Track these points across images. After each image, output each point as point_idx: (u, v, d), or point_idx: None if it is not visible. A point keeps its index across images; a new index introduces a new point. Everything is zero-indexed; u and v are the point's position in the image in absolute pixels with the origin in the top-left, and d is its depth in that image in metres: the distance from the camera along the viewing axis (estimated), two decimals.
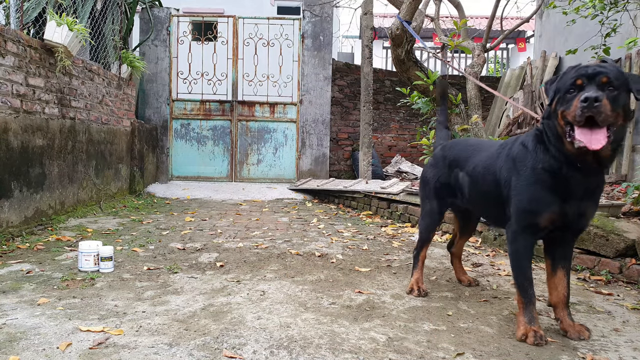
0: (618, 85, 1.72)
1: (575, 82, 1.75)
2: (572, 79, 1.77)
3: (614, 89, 1.71)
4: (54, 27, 4.12)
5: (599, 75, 1.72)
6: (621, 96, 1.73)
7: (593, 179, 1.84)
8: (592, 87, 1.71)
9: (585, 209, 1.89)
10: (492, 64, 14.05)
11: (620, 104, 1.72)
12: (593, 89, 1.70)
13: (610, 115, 1.69)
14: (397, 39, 4.80)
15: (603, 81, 1.71)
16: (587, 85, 1.73)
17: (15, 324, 2.02)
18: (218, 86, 7.45)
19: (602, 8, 4.02)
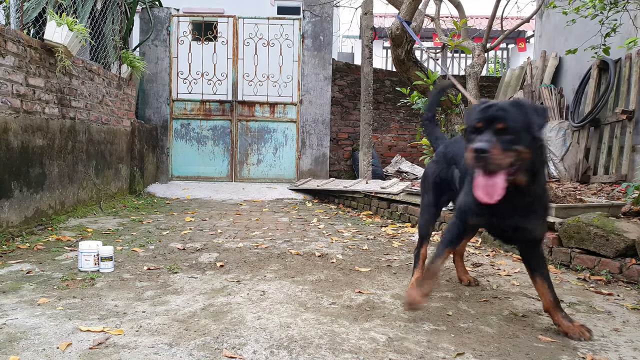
0: (517, 128, 1.75)
1: (476, 125, 1.80)
2: (474, 121, 1.82)
3: (511, 133, 1.75)
4: (54, 27, 4.12)
5: (495, 122, 1.76)
6: (522, 136, 1.76)
7: (519, 200, 1.89)
8: (487, 133, 1.75)
9: (518, 224, 1.95)
10: (492, 64, 14.05)
11: (522, 144, 1.76)
12: (486, 136, 1.75)
13: (504, 160, 1.73)
14: (397, 39, 4.80)
15: (498, 127, 1.75)
16: (484, 129, 1.77)
17: (15, 324, 2.02)
18: (218, 86, 7.45)
19: (602, 8, 4.02)
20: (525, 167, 1.80)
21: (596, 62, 5.85)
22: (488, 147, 1.71)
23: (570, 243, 3.06)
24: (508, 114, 1.76)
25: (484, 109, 1.81)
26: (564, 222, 3.14)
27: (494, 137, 1.74)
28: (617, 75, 5.71)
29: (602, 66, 5.98)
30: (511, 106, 1.80)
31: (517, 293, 2.60)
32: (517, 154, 1.75)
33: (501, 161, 1.73)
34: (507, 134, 1.75)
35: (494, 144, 1.72)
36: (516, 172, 1.79)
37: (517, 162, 1.77)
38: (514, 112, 1.77)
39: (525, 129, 1.77)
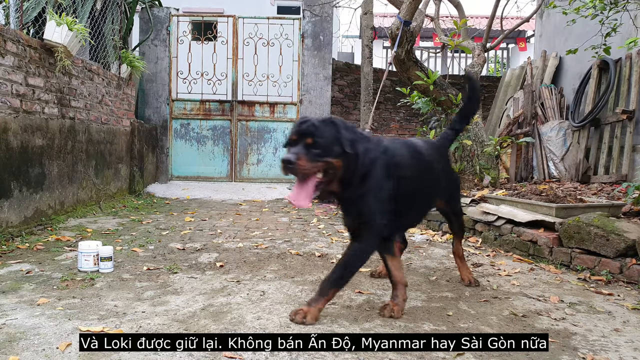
0: (324, 143, 1.99)
1: (291, 137, 2.04)
2: (291, 134, 2.05)
3: (319, 147, 1.98)
4: (53, 27, 4.11)
5: (306, 136, 1.99)
6: (331, 150, 2.00)
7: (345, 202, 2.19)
8: (299, 146, 1.99)
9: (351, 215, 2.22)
10: (492, 63, 14.05)
11: (330, 156, 1.99)
12: (297, 148, 1.99)
13: (311, 169, 1.97)
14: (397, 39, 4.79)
15: (308, 142, 1.98)
16: (297, 142, 2.01)
17: (15, 324, 2.02)
18: (218, 86, 7.44)
19: (602, 8, 4.02)
20: (338, 177, 2.05)
21: (596, 62, 5.84)
22: (294, 159, 1.94)
23: (570, 243, 3.06)
24: (317, 130, 1.99)
25: (299, 124, 2.05)
26: (564, 222, 3.14)
27: (303, 150, 1.97)
28: (618, 75, 5.71)
29: (603, 66, 5.98)
30: (322, 123, 2.03)
31: (517, 293, 2.60)
32: (325, 165, 1.99)
33: (307, 171, 1.97)
34: (315, 147, 1.98)
35: (301, 155, 1.96)
36: (329, 182, 2.05)
37: (329, 172, 2.02)
38: (323, 128, 2.01)
39: (334, 143, 2.01)
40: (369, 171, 2.10)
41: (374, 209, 2.15)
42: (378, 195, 2.14)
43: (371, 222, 2.16)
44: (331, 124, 2.04)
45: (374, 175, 2.12)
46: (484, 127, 5.87)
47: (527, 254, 3.36)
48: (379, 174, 2.13)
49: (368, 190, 2.12)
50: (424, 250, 3.63)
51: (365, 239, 2.17)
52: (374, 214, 2.15)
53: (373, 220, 2.16)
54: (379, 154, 2.15)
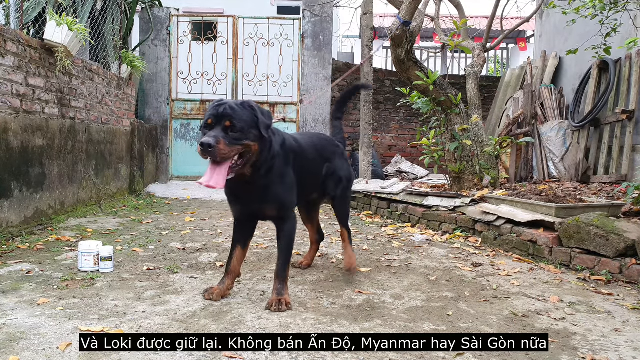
0: (243, 127, 2.01)
1: (207, 120, 2.03)
2: (206, 117, 2.04)
3: (237, 131, 2.00)
4: (53, 27, 4.11)
5: (224, 119, 2.00)
6: (249, 133, 2.04)
7: (253, 186, 2.21)
8: (217, 129, 1.99)
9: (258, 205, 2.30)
10: (492, 63, 14.05)
11: (248, 139, 2.04)
12: (215, 131, 1.99)
13: (230, 153, 1.99)
14: (397, 39, 4.80)
15: (226, 124, 2.00)
16: (214, 125, 2.01)
17: (15, 324, 2.02)
18: (218, 86, 7.44)
19: (602, 8, 4.02)
20: (252, 161, 2.11)
21: (596, 62, 5.85)
22: (213, 142, 1.94)
23: (570, 243, 3.06)
24: (235, 113, 2.01)
25: (216, 106, 2.04)
26: (564, 222, 3.14)
27: (221, 133, 1.98)
28: (617, 75, 5.71)
29: (602, 66, 5.98)
30: (240, 106, 2.05)
31: (517, 293, 2.60)
32: (244, 147, 2.03)
33: (226, 155, 1.99)
34: (233, 130, 2.00)
35: (220, 139, 1.96)
36: (244, 165, 2.09)
37: (245, 155, 2.06)
38: (241, 111, 2.03)
39: (252, 127, 2.04)
40: (275, 157, 2.20)
41: (286, 192, 2.30)
42: (286, 180, 2.30)
43: (287, 204, 2.32)
44: (249, 108, 2.07)
45: (279, 163, 2.22)
46: (483, 127, 5.87)
47: (527, 254, 3.36)
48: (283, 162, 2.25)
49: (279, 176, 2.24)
50: (424, 250, 3.63)
51: (290, 218, 2.35)
52: (288, 196, 2.31)
53: (289, 202, 2.33)
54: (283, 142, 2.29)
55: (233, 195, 2.33)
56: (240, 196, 2.30)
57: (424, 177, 7.42)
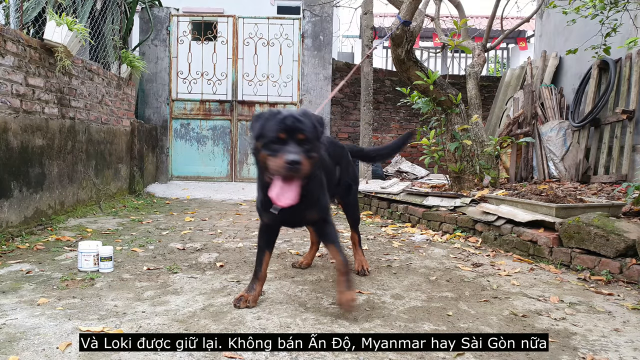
0: (313, 139, 1.94)
1: (279, 135, 1.90)
2: (275, 131, 1.91)
3: (309, 143, 1.92)
4: (53, 27, 4.11)
5: (297, 132, 1.89)
6: (315, 147, 1.96)
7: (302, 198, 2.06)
8: (293, 144, 1.88)
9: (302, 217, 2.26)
10: (492, 63, 14.05)
11: (315, 153, 1.96)
12: (294, 147, 1.88)
13: (308, 170, 1.92)
14: (397, 39, 4.79)
15: (300, 138, 1.90)
16: (288, 140, 1.89)
17: (15, 324, 2.02)
18: (218, 86, 7.44)
19: (602, 8, 4.02)
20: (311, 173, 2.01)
21: (596, 62, 5.84)
22: (300, 159, 1.85)
23: (570, 243, 3.06)
24: (304, 125, 1.92)
25: (283, 119, 1.92)
26: (564, 222, 3.14)
27: (298, 148, 1.88)
28: (618, 75, 5.71)
29: (602, 66, 5.98)
30: (305, 117, 1.95)
31: (517, 293, 2.60)
32: (314, 160, 1.96)
33: (307, 170, 1.90)
34: (307, 145, 1.91)
35: (302, 154, 1.87)
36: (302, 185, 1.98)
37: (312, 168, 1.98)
38: (307, 122, 1.94)
39: (317, 138, 1.97)
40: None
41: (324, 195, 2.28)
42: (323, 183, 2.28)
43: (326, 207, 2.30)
44: (309, 117, 1.98)
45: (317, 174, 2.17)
46: (484, 127, 5.87)
47: (527, 253, 3.36)
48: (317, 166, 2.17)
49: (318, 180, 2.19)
50: (424, 250, 3.63)
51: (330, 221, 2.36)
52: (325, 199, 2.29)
53: (327, 204, 2.31)
54: None
55: None
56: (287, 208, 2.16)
57: (424, 177, 7.42)
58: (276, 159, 1.88)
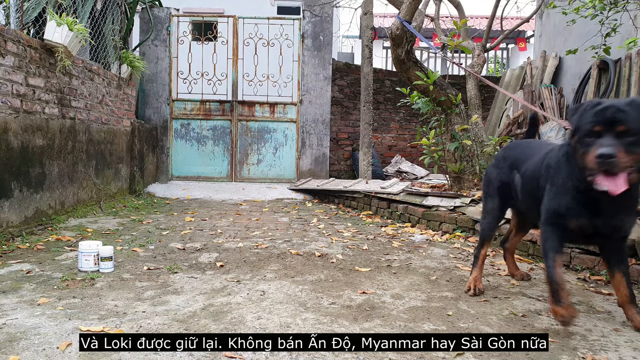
0: (638, 130, 1.72)
1: (593, 128, 1.76)
2: (590, 124, 1.77)
3: (633, 135, 1.72)
4: (54, 27, 4.11)
5: (617, 124, 1.72)
6: None
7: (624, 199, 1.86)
8: (609, 137, 1.72)
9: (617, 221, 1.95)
10: (492, 63, 14.05)
11: None
12: (609, 140, 1.72)
13: (628, 163, 1.72)
14: (397, 39, 4.80)
15: (620, 130, 1.72)
16: (604, 133, 1.74)
17: (15, 324, 2.02)
18: (218, 86, 7.44)
19: (602, 8, 4.03)
20: None
21: (596, 62, 5.85)
22: (614, 152, 1.70)
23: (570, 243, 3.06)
24: (628, 116, 1.73)
25: (601, 110, 1.76)
26: None
27: (616, 141, 1.72)
28: (617, 75, 5.71)
29: (602, 66, 5.98)
30: (630, 106, 1.75)
31: (517, 293, 2.60)
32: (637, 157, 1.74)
33: (625, 164, 1.73)
34: (628, 135, 1.72)
35: (619, 148, 1.71)
36: (632, 176, 1.77)
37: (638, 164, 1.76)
38: (633, 113, 1.74)
39: None
40: None
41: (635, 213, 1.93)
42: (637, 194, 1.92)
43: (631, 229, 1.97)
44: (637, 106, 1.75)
45: None
46: (483, 127, 5.87)
47: (527, 253, 3.36)
48: None
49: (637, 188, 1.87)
50: (424, 250, 3.63)
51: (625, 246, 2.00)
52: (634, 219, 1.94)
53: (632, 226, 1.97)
54: None
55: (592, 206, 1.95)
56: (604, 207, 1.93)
57: (424, 177, 7.43)
58: (589, 153, 1.76)
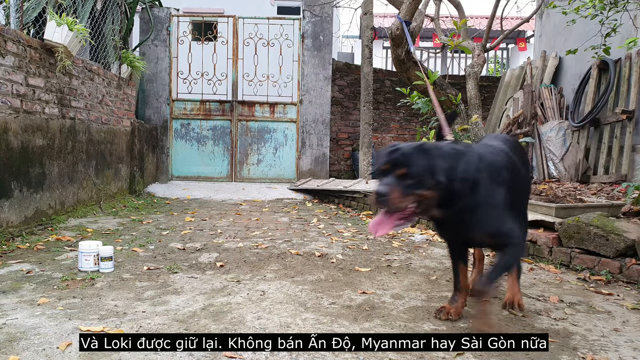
0: (418, 174, 1.84)
1: (383, 167, 1.89)
2: (381, 163, 1.91)
3: (411, 178, 1.83)
4: (54, 27, 4.11)
5: (397, 167, 1.85)
6: (425, 181, 1.84)
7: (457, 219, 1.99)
8: (389, 177, 1.85)
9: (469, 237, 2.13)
10: (492, 64, 14.05)
11: (424, 187, 1.84)
12: (388, 179, 1.85)
13: (402, 203, 1.84)
14: (397, 39, 4.80)
15: (399, 173, 1.84)
16: (389, 172, 1.87)
17: (15, 324, 2.02)
18: (218, 86, 7.44)
19: (602, 8, 4.02)
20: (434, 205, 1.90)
21: (596, 62, 5.85)
22: (386, 192, 1.82)
23: (570, 243, 3.06)
24: (409, 160, 1.85)
25: (390, 152, 1.91)
26: (564, 222, 3.14)
27: (395, 181, 1.84)
28: (617, 75, 5.71)
29: (602, 66, 5.98)
30: (414, 151, 1.87)
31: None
32: (417, 197, 1.85)
33: (399, 204, 1.84)
34: (408, 178, 1.84)
35: (393, 188, 1.83)
36: (425, 211, 1.91)
37: (422, 203, 1.88)
38: (416, 158, 1.86)
39: (428, 174, 1.85)
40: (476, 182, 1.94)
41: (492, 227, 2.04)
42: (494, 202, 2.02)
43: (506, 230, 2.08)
44: (424, 153, 1.89)
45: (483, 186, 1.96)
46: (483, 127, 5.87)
47: (527, 253, 3.36)
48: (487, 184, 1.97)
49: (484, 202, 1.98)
50: (424, 250, 3.63)
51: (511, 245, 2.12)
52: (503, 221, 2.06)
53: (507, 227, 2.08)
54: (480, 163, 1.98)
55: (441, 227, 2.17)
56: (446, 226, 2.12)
57: None
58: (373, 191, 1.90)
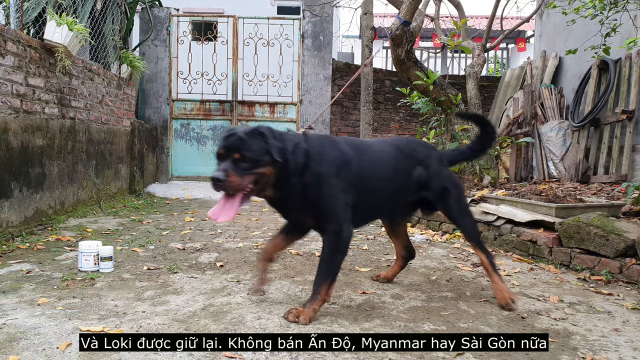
0: (254, 156, 1.95)
1: (219, 151, 1.98)
2: (219, 147, 1.99)
3: (247, 161, 1.93)
4: (53, 27, 4.11)
5: (232, 151, 1.94)
6: (261, 160, 1.96)
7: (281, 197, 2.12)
8: (227, 161, 1.94)
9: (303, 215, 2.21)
10: (492, 63, 14.05)
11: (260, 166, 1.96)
12: (225, 164, 1.94)
13: (241, 184, 1.94)
14: (397, 39, 4.80)
15: (235, 157, 1.93)
16: (225, 157, 1.96)
17: (15, 324, 2.02)
18: (218, 86, 7.44)
19: (602, 8, 4.02)
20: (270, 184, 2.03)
21: (596, 62, 5.84)
22: (223, 176, 1.90)
23: (570, 243, 3.06)
24: (244, 144, 1.94)
25: (225, 137, 1.99)
26: (564, 222, 3.14)
27: (231, 165, 1.93)
28: (617, 75, 5.71)
29: (602, 66, 5.98)
30: (249, 135, 1.97)
31: (517, 293, 2.60)
32: (256, 177, 1.97)
33: (238, 186, 1.94)
34: (244, 161, 1.94)
35: (230, 171, 1.91)
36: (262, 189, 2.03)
37: (260, 181, 1.99)
38: (251, 141, 1.96)
39: (264, 154, 1.96)
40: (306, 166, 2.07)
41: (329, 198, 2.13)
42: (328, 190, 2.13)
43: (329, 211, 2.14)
44: (258, 136, 1.99)
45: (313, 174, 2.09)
46: None
47: (527, 253, 3.36)
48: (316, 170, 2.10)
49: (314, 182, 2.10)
50: (424, 250, 3.63)
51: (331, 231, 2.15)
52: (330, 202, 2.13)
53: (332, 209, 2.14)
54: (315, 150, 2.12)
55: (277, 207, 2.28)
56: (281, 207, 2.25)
57: None
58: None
